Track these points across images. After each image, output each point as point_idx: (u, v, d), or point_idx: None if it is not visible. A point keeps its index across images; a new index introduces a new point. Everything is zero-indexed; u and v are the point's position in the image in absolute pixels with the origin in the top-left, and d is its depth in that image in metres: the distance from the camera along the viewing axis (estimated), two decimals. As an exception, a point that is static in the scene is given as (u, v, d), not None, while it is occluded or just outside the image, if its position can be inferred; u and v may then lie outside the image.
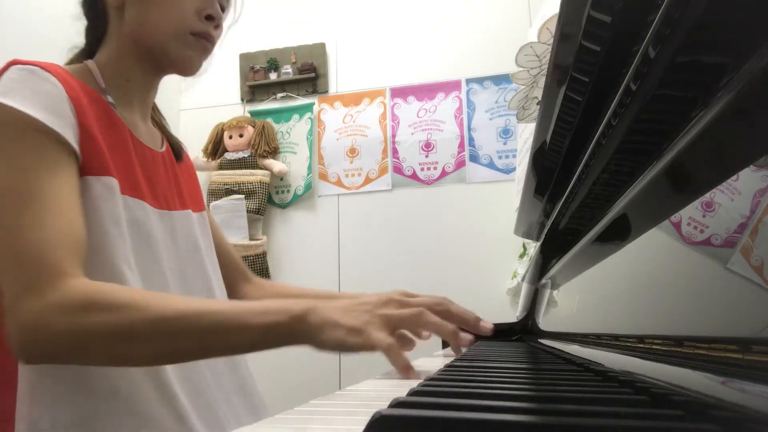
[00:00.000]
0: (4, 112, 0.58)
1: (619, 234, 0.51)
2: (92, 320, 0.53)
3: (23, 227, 0.55)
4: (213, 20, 0.72)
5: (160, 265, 0.70)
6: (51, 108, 0.60)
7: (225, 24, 0.76)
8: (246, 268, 0.97)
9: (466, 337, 0.61)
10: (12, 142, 0.58)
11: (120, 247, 0.64)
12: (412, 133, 2.47)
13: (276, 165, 2.52)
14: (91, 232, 0.61)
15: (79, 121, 0.62)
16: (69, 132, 0.61)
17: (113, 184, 0.64)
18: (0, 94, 0.59)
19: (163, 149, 0.79)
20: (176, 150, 0.82)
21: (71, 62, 0.75)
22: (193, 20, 0.70)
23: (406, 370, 0.53)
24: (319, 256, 2.47)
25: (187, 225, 0.78)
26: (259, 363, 1.36)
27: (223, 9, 0.75)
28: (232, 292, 0.88)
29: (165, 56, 0.71)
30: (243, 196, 2.44)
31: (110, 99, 0.70)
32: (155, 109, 0.83)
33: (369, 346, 0.54)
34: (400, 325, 0.56)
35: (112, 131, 0.68)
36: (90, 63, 0.72)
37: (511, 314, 2.00)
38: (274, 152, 2.56)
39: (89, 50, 0.75)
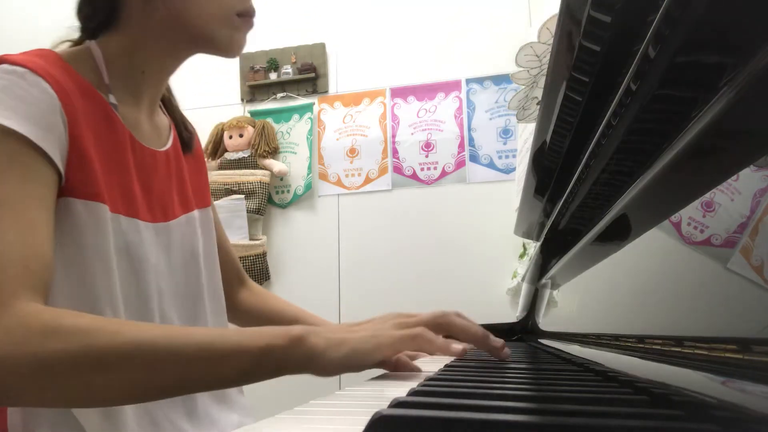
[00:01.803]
0: None
1: (619, 234, 0.51)
2: (52, 347, 0.44)
3: None
4: None
5: (148, 292, 0.65)
6: (38, 120, 0.54)
7: None
8: (243, 272, 0.93)
9: (456, 348, 0.57)
10: None
11: (104, 284, 0.59)
12: (412, 133, 2.47)
13: (276, 165, 2.52)
14: (74, 266, 0.57)
15: (70, 133, 0.57)
16: (55, 148, 0.55)
17: (101, 210, 0.59)
18: None
19: (169, 145, 0.73)
20: (185, 141, 0.77)
21: (66, 43, 0.68)
22: (235, 0, 0.66)
23: (448, 347, 0.51)
24: (319, 256, 2.47)
25: (187, 232, 0.73)
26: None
27: None
28: (227, 296, 0.83)
29: (211, 41, 0.67)
30: (243, 196, 2.44)
31: (113, 99, 0.64)
32: (170, 93, 0.78)
33: (389, 347, 0.50)
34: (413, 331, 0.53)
35: (109, 139, 0.63)
36: (94, 48, 0.64)
37: (511, 314, 2.00)
38: (274, 152, 2.56)
39: (90, 32, 0.67)
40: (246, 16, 0.68)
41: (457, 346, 0.52)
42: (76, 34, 0.69)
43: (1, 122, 0.51)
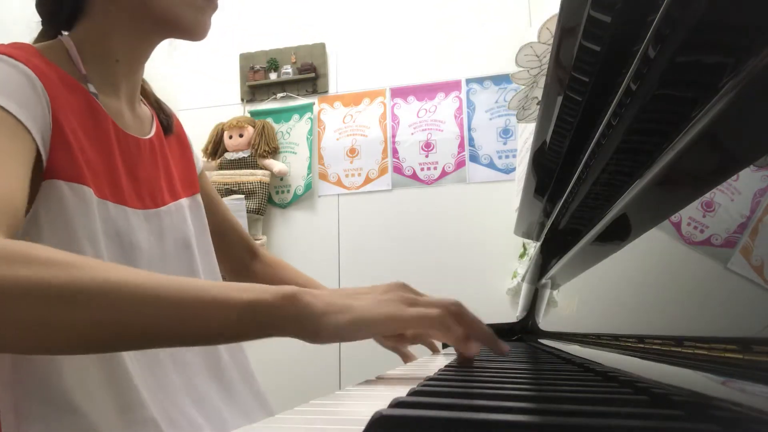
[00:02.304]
0: None
1: (619, 234, 0.51)
2: (14, 272, 0.38)
3: None
4: None
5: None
6: (18, 97, 0.53)
7: None
8: (254, 244, 0.91)
9: (474, 349, 0.52)
10: None
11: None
12: (412, 133, 2.47)
13: (276, 165, 2.52)
14: (63, 247, 0.53)
15: (54, 117, 0.56)
16: (37, 127, 0.54)
17: (86, 193, 0.58)
18: None
19: (152, 133, 0.73)
20: (165, 124, 0.76)
21: (41, 39, 0.68)
22: None
23: (466, 342, 0.47)
24: (319, 256, 2.47)
25: (177, 220, 0.72)
26: (259, 362, 1.36)
27: None
28: (241, 270, 0.82)
29: (176, 25, 0.67)
30: (243, 196, 2.44)
31: (92, 88, 0.64)
32: (144, 82, 0.77)
33: (400, 322, 0.45)
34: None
35: (93, 127, 0.62)
36: (66, 40, 0.64)
37: (511, 314, 2.00)
38: (274, 152, 2.56)
39: (62, 23, 0.67)
40: None
41: (475, 346, 0.48)
42: (38, 29, 0.69)
43: None
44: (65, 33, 0.66)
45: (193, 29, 0.67)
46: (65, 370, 0.56)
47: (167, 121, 0.77)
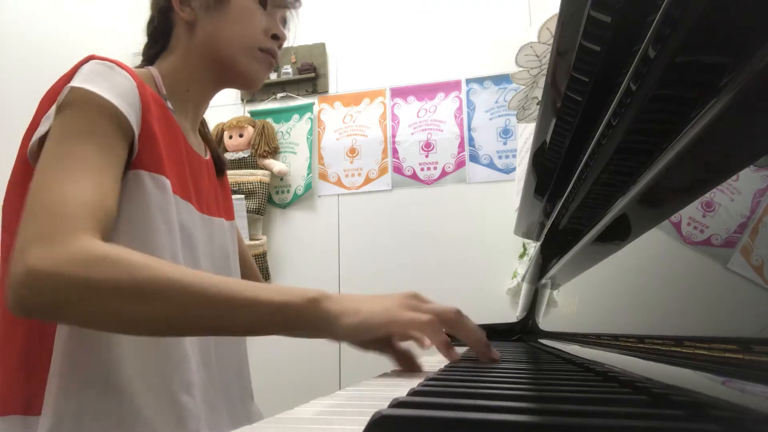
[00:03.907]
0: (81, 93, 0.61)
1: (619, 234, 0.51)
2: (99, 272, 0.51)
3: (56, 184, 0.56)
4: (278, 40, 0.80)
5: (198, 267, 0.72)
6: (123, 97, 0.63)
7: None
8: (261, 278, 1.01)
9: (455, 354, 0.59)
10: (81, 116, 0.60)
11: (168, 242, 0.66)
12: (412, 133, 2.47)
13: (276, 165, 2.51)
14: (140, 225, 0.63)
15: (143, 115, 0.66)
16: (134, 121, 0.64)
17: (166, 183, 0.67)
18: (81, 82, 0.62)
19: (207, 158, 0.84)
20: (219, 165, 0.88)
21: (136, 67, 0.80)
22: (262, 38, 0.77)
23: (448, 348, 0.54)
24: (319, 256, 2.47)
25: (222, 232, 0.82)
26: (259, 362, 1.36)
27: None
28: None
29: (233, 69, 0.77)
30: (243, 196, 2.44)
31: (170, 105, 0.74)
32: (203, 123, 0.88)
33: (397, 325, 0.53)
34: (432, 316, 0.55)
35: (169, 133, 0.71)
36: (153, 69, 0.76)
37: (511, 314, 2.00)
38: (274, 152, 2.56)
39: (150, 58, 0.80)
40: (268, 55, 0.78)
41: (456, 352, 0.54)
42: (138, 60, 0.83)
43: (95, 91, 0.61)
44: (152, 66, 0.78)
45: (245, 75, 0.78)
46: (121, 352, 0.62)
47: (222, 167, 0.90)
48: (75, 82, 0.62)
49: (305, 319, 0.53)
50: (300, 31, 0.90)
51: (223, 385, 0.76)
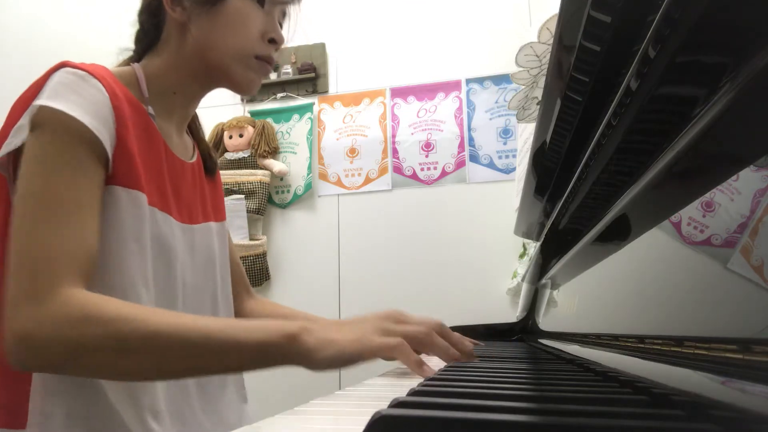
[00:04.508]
0: (50, 114, 0.59)
1: (619, 234, 0.51)
2: (85, 332, 0.53)
3: (40, 234, 0.56)
4: (275, 44, 0.75)
5: (175, 280, 0.71)
6: (95, 114, 0.61)
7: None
8: (248, 283, 0.99)
9: (428, 371, 0.58)
10: (52, 145, 0.59)
11: (138, 263, 0.64)
12: (412, 133, 2.47)
13: (276, 165, 2.51)
14: (112, 245, 0.62)
15: (117, 130, 0.63)
16: (107, 139, 0.62)
17: (141, 199, 0.65)
18: (48, 98, 0.60)
19: (194, 160, 0.81)
20: (208, 166, 0.85)
21: (119, 64, 0.77)
22: (258, 43, 0.73)
23: (420, 367, 0.54)
24: (319, 256, 2.46)
25: (207, 238, 0.80)
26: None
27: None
28: (236, 306, 0.89)
29: (226, 76, 0.74)
30: (243, 196, 2.44)
31: (151, 110, 0.71)
32: (195, 118, 0.85)
33: (369, 353, 0.55)
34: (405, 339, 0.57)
35: (147, 142, 0.69)
36: (137, 68, 0.73)
37: (511, 314, 2.00)
38: (274, 152, 2.56)
39: (137, 55, 0.77)
40: (264, 62, 0.74)
41: (430, 370, 0.55)
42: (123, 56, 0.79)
43: (65, 110, 0.59)
44: (137, 63, 0.74)
45: (240, 84, 0.74)
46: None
47: (213, 166, 0.86)
48: (44, 99, 0.60)
49: (285, 355, 0.55)
50: (300, 31, 0.88)
51: (207, 397, 0.75)
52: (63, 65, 0.63)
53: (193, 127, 0.85)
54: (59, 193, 0.58)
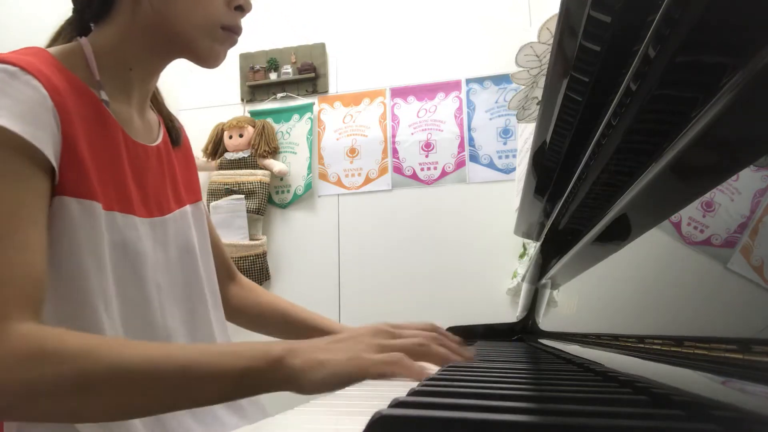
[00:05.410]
0: None
1: (619, 234, 0.51)
2: (39, 372, 0.46)
3: None
4: (242, 11, 0.68)
5: (146, 285, 0.65)
6: (31, 118, 0.53)
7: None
8: (233, 266, 0.92)
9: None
10: None
11: (96, 278, 0.59)
12: (412, 133, 2.47)
13: (276, 165, 2.51)
14: (64, 262, 0.57)
15: (63, 131, 0.56)
16: (49, 146, 0.54)
17: (95, 208, 0.59)
18: None
19: (159, 140, 0.74)
20: (173, 137, 0.78)
21: (59, 38, 0.69)
22: (224, 12, 0.66)
23: (419, 377, 0.50)
24: (319, 256, 2.47)
25: (182, 226, 0.74)
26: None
27: None
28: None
29: (189, 48, 0.67)
30: (243, 196, 2.44)
31: (104, 95, 0.63)
32: (157, 91, 0.78)
33: (364, 373, 0.49)
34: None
35: (102, 136, 0.62)
36: (84, 43, 0.64)
37: (511, 314, 2.00)
38: (274, 152, 2.56)
39: (82, 27, 0.68)
40: (230, 32, 0.68)
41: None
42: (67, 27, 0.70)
43: None
44: (84, 37, 0.66)
45: (205, 57, 0.67)
46: None
47: (177, 133, 0.79)
48: None
49: (270, 381, 0.50)
50: (300, 31, 0.85)
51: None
52: None
53: (154, 102, 0.77)
54: None
